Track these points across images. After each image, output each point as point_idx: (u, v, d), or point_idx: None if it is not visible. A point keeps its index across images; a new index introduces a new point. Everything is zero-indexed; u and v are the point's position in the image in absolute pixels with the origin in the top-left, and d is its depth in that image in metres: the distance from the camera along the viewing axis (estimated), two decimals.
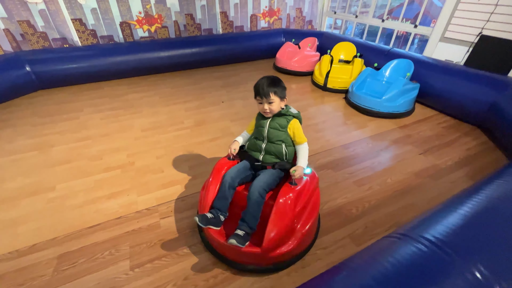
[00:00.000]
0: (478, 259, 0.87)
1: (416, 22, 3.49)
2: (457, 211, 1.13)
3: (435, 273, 0.83)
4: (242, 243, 1.09)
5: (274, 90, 1.21)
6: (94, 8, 3.48)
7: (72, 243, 1.39)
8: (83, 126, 2.52)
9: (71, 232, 1.45)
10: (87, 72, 3.44)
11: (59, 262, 1.30)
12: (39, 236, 1.43)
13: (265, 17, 4.68)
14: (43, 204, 1.64)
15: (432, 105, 2.86)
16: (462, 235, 0.98)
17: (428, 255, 0.89)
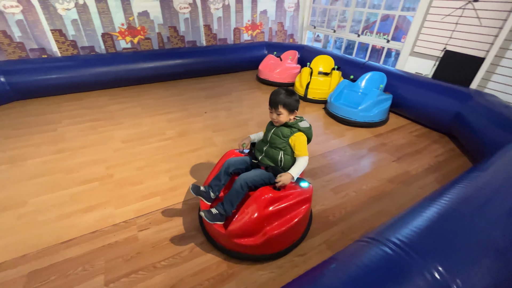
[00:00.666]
0: (437, 259, 0.93)
1: (388, 37, 3.73)
2: (422, 214, 1.20)
3: (398, 274, 0.88)
4: (210, 219, 1.25)
5: (284, 103, 1.27)
6: (75, 19, 3.46)
7: (44, 259, 1.35)
8: (61, 139, 2.45)
9: (43, 248, 1.40)
10: (67, 83, 3.38)
11: (29, 280, 1.25)
12: (8, 254, 1.37)
13: (248, 30, 4.83)
14: (14, 220, 1.58)
15: (404, 115, 3.04)
16: (424, 237, 1.04)
17: (392, 257, 0.95)
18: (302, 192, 1.36)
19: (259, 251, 1.31)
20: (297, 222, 1.33)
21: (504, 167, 1.55)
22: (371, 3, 3.96)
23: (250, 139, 1.50)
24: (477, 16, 2.67)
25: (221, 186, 1.40)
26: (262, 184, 1.32)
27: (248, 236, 1.26)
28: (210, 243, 1.43)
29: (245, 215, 1.23)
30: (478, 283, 0.91)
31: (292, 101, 1.28)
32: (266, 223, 1.26)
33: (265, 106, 3.32)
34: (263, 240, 1.24)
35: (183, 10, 4.07)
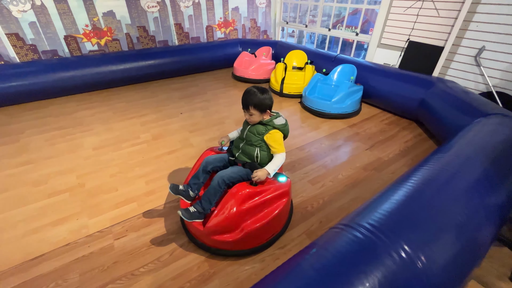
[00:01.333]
0: (403, 239, 0.98)
1: (357, 30, 3.85)
2: (390, 198, 1.26)
3: (368, 257, 0.93)
4: (188, 217, 1.25)
5: (254, 104, 1.26)
6: (32, 22, 3.23)
7: (12, 279, 1.26)
8: (24, 150, 2.30)
9: (10, 268, 1.31)
10: (28, 90, 3.15)
11: None
12: None
13: (221, 28, 4.77)
14: None
15: (375, 104, 3.17)
16: (391, 219, 1.10)
17: (363, 241, 0.99)
18: (280, 186, 1.37)
19: (238, 246, 1.32)
20: (276, 216, 1.34)
21: (463, 148, 1.67)
22: None
23: (229, 137, 1.51)
24: (435, 7, 2.83)
25: (200, 184, 1.40)
26: (239, 180, 1.33)
27: (227, 232, 1.27)
28: (192, 242, 1.43)
29: (223, 211, 1.23)
30: (440, 258, 0.98)
31: (263, 100, 1.27)
32: (244, 219, 1.26)
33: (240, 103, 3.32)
34: (242, 236, 1.25)
35: (152, 9, 3.94)
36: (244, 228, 1.25)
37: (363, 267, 0.89)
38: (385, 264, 0.90)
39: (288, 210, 1.55)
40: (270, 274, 0.95)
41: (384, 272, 0.88)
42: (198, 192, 1.42)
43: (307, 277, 0.87)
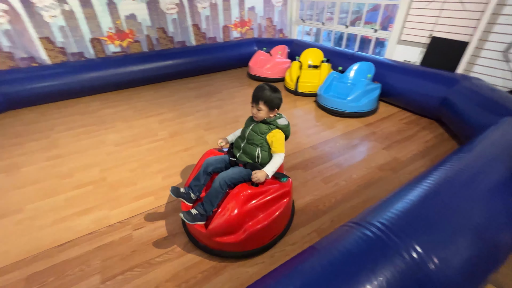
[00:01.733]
0: (415, 239, 0.96)
1: (376, 27, 3.74)
2: (404, 197, 1.23)
3: (376, 256, 0.91)
4: (190, 220, 1.25)
5: (265, 100, 1.27)
6: (62, 26, 3.46)
7: (41, 263, 1.38)
8: (54, 145, 2.48)
9: (39, 252, 1.44)
10: (58, 90, 3.39)
11: (28, 283, 1.28)
12: (6, 259, 1.40)
13: (237, 27, 4.83)
14: (11, 227, 1.61)
15: (394, 103, 3.07)
16: (404, 219, 1.07)
17: (373, 239, 0.98)
18: (281, 186, 1.36)
19: (241, 248, 1.31)
20: (278, 216, 1.32)
21: (486, 148, 1.59)
22: None
23: (227, 140, 1.50)
24: (460, 0, 2.68)
25: (201, 186, 1.39)
26: (241, 181, 1.32)
27: (229, 233, 1.26)
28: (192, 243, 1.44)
29: (225, 213, 1.22)
30: (455, 260, 0.95)
31: (274, 98, 1.28)
32: (246, 220, 1.26)
33: None
34: (244, 237, 1.24)
35: (171, 10, 4.07)
36: (246, 229, 1.25)
37: (371, 265, 0.88)
38: (394, 264, 0.89)
39: (289, 210, 1.52)
40: (276, 269, 0.97)
41: (393, 271, 0.87)
42: (200, 194, 1.41)
43: (314, 273, 0.88)
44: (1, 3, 3.06)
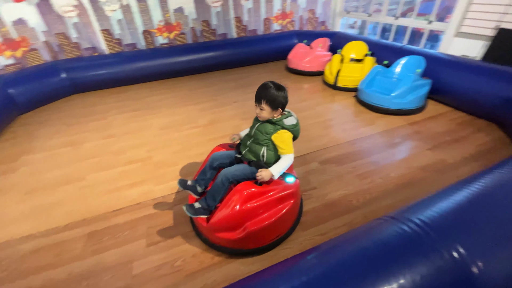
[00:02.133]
0: (458, 240, 0.91)
1: (431, 18, 3.42)
2: (449, 197, 1.16)
3: (412, 250, 0.89)
4: (192, 213, 1.28)
5: (267, 99, 1.20)
6: (120, 19, 3.82)
7: (99, 223, 1.60)
8: (110, 126, 2.80)
9: (98, 215, 1.67)
10: (114, 78, 3.78)
11: (88, 239, 1.51)
12: (72, 217, 1.66)
13: (278, 20, 4.81)
14: (75, 191, 1.89)
15: (445, 102, 2.81)
16: (448, 218, 1.02)
17: (409, 234, 0.95)
18: (286, 188, 1.31)
19: (240, 245, 1.30)
20: (280, 218, 1.28)
21: None
22: None
23: (240, 135, 1.47)
24: None
25: (208, 180, 1.41)
26: (244, 178, 1.29)
27: (230, 230, 1.26)
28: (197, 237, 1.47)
29: (226, 209, 1.22)
30: (500, 268, 0.88)
31: (277, 97, 1.20)
32: (247, 218, 1.23)
33: (292, 95, 3.33)
34: (243, 236, 1.23)
35: (215, 4, 4.21)
36: (246, 228, 1.22)
37: (406, 259, 0.87)
38: (432, 261, 0.86)
39: (295, 212, 1.46)
40: (308, 251, 1.00)
41: (430, 268, 0.85)
42: (206, 187, 1.42)
43: (343, 260, 0.89)
44: None
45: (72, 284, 1.27)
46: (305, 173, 1.92)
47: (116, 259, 1.38)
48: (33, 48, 3.54)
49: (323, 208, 1.62)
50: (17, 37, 3.38)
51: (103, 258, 1.39)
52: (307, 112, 2.84)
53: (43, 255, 1.43)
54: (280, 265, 0.98)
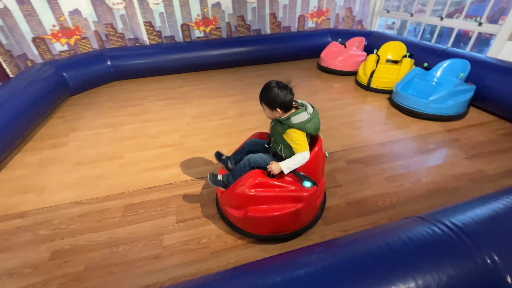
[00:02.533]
0: (492, 248, 0.88)
1: (481, 20, 3.18)
2: (486, 205, 1.11)
3: (444, 253, 0.87)
4: (212, 182, 1.43)
5: (265, 101, 1.24)
6: (161, 12, 4.04)
7: (135, 197, 1.76)
8: (146, 111, 3.00)
9: (134, 190, 1.82)
10: (152, 67, 4.02)
11: (125, 210, 1.66)
12: (112, 190, 1.83)
13: (313, 17, 4.75)
14: (115, 168, 2.07)
15: (490, 110, 2.61)
16: (483, 225, 0.98)
17: (440, 235, 0.93)
18: (298, 190, 1.29)
19: (241, 225, 1.40)
20: (281, 216, 1.29)
21: None
22: None
23: None
24: None
25: (238, 160, 1.48)
26: (264, 167, 1.32)
27: (233, 207, 1.39)
28: None
29: (234, 187, 1.32)
30: None
31: (276, 98, 1.19)
32: (250, 203, 1.30)
33: (323, 94, 3.32)
34: (243, 216, 1.33)
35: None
36: (248, 211, 1.30)
37: (434, 258, 0.86)
38: (464, 266, 0.84)
39: (304, 217, 1.40)
40: (324, 242, 1.03)
41: (460, 272, 0.83)
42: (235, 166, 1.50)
43: (367, 252, 0.91)
44: None
45: (112, 246, 1.42)
46: (331, 171, 1.93)
47: (148, 230, 1.51)
48: (84, 37, 3.88)
49: (348, 206, 1.62)
50: (71, 26, 3.73)
51: (137, 228, 1.53)
52: (337, 111, 2.80)
53: (87, 219, 1.61)
54: (301, 250, 1.01)
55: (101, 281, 1.26)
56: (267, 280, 0.83)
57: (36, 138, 2.53)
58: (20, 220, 1.63)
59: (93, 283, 1.26)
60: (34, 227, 1.57)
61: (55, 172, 2.05)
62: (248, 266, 0.95)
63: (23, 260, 1.38)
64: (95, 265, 1.34)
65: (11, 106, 2.36)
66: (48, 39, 3.61)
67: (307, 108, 1.26)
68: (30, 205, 1.74)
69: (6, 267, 1.35)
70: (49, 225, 1.58)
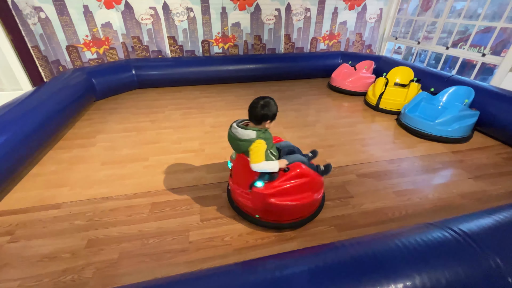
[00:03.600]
0: (496, 253, 1.01)
1: (486, 51, 3.40)
2: (491, 216, 1.22)
3: (453, 255, 0.99)
4: None
5: (270, 117, 1.50)
6: (185, 29, 4.35)
7: (161, 197, 1.90)
8: (167, 119, 3.19)
9: (160, 190, 1.97)
10: (172, 78, 4.28)
11: (152, 207, 1.80)
12: (139, 188, 1.98)
13: (325, 40, 5.05)
14: (141, 169, 2.23)
15: (493, 135, 2.75)
16: (488, 232, 1.10)
17: (450, 240, 1.05)
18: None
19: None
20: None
21: None
22: (468, 13, 3.67)
23: None
24: None
25: None
26: None
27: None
28: None
29: None
30: None
31: (275, 111, 1.54)
32: None
33: (333, 111, 3.50)
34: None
35: (269, 21, 4.59)
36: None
37: (444, 257, 0.98)
38: (471, 268, 0.95)
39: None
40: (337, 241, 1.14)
41: (467, 272, 0.95)
42: None
43: (390, 251, 1.02)
44: (150, 9, 4.08)
45: (143, 239, 1.55)
46: (343, 183, 2.06)
47: (175, 226, 1.64)
48: (112, 47, 4.18)
49: (359, 216, 1.74)
50: (102, 37, 4.03)
51: (165, 224, 1.66)
52: (347, 128, 2.97)
53: (118, 213, 1.74)
54: (318, 248, 1.13)
55: (134, 269, 1.38)
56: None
57: (66, 138, 2.72)
58: (56, 210, 1.77)
59: (126, 270, 1.38)
60: (70, 217, 1.71)
61: (85, 170, 2.21)
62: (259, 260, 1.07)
63: (61, 246, 1.51)
64: (128, 254, 1.46)
65: (46, 107, 2.56)
66: (80, 48, 3.90)
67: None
68: (65, 197, 1.89)
69: (46, 251, 1.48)
70: (83, 216, 1.72)
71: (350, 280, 0.90)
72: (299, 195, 1.53)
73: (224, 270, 1.00)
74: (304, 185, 1.52)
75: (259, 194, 1.48)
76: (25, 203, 1.83)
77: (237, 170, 1.65)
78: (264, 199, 1.48)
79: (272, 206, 1.49)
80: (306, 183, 1.53)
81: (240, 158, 1.55)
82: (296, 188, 1.51)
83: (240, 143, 1.41)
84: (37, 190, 1.96)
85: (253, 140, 1.38)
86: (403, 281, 0.89)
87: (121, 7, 3.93)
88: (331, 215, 1.75)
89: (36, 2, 3.32)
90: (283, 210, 1.52)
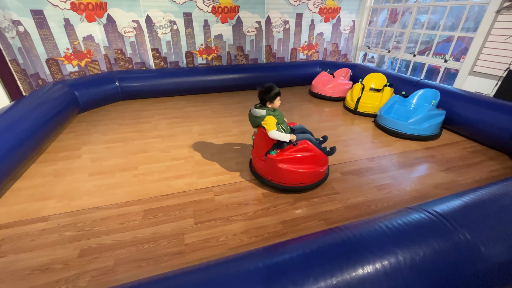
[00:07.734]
0: (466, 228, 1.15)
1: (447, 57, 3.76)
2: (460, 198, 1.37)
3: (429, 232, 1.13)
4: None
5: (279, 95, 1.98)
6: (168, 41, 4.43)
7: (153, 203, 1.91)
8: (154, 128, 3.20)
9: (151, 197, 1.98)
10: (157, 89, 4.30)
11: (145, 213, 1.81)
12: (130, 197, 1.98)
13: (304, 50, 5.32)
14: (131, 177, 2.22)
15: (459, 132, 3.04)
16: (458, 212, 1.24)
17: (426, 220, 1.19)
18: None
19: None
20: None
21: None
22: (431, 24, 4.07)
23: None
24: None
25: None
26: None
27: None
28: None
29: None
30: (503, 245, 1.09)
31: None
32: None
33: (315, 116, 3.67)
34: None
35: (250, 33, 4.79)
36: None
37: (425, 237, 1.10)
38: (445, 242, 1.08)
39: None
40: (335, 227, 1.24)
41: (442, 246, 1.08)
42: None
43: (374, 232, 1.13)
44: (133, 22, 4.13)
45: (138, 244, 1.55)
46: (329, 180, 2.18)
47: (170, 231, 1.66)
48: (94, 60, 4.15)
49: (346, 210, 1.86)
50: (84, 50, 4.00)
51: (159, 229, 1.67)
52: (330, 131, 3.14)
53: (110, 222, 1.73)
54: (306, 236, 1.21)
55: (131, 274, 1.38)
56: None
57: (49, 151, 2.65)
58: (44, 223, 1.73)
59: (123, 275, 1.38)
60: (59, 229, 1.68)
61: (73, 181, 2.17)
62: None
63: (53, 257, 1.48)
64: (124, 260, 1.46)
65: (27, 121, 2.49)
66: (60, 61, 3.84)
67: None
68: (52, 210, 1.84)
69: (37, 263, 1.44)
70: (74, 227, 1.69)
71: (341, 259, 0.99)
72: (304, 165, 1.92)
73: (217, 262, 1.05)
74: (308, 158, 1.91)
75: (272, 160, 1.90)
76: (10, 217, 1.77)
77: (257, 143, 2.10)
78: (275, 164, 1.89)
79: (281, 170, 1.90)
80: (310, 156, 1.91)
81: (260, 132, 1.99)
82: (301, 159, 1.90)
83: (256, 119, 1.94)
84: (22, 204, 1.90)
85: (264, 116, 1.88)
86: (387, 255, 1.00)
87: (103, 21, 3.95)
88: (320, 210, 1.85)
89: (14, 16, 3.27)
90: (288, 173, 1.91)
